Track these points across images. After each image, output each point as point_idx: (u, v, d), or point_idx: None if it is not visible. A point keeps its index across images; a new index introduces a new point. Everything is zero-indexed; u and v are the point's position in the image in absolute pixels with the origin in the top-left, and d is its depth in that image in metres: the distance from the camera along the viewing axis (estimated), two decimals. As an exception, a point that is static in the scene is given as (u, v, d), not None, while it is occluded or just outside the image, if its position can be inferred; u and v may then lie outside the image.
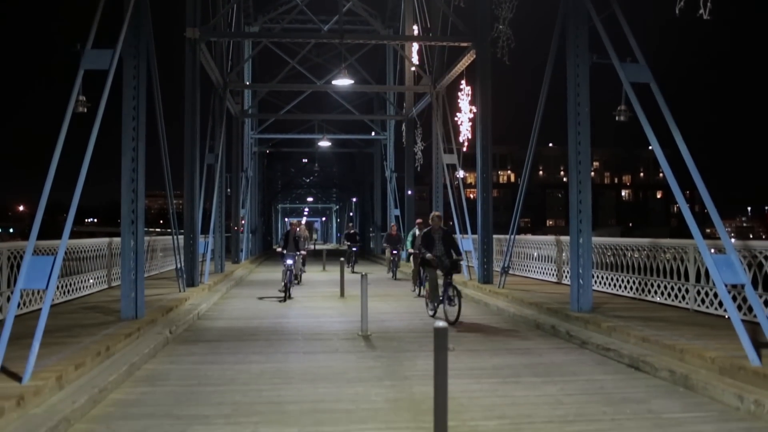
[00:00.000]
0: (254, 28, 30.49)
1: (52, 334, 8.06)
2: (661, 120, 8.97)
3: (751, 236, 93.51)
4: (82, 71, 8.91)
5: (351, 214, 55.18)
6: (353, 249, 25.66)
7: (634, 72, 9.62)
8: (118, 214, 10.66)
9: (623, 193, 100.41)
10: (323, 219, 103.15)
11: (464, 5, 16.83)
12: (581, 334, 9.35)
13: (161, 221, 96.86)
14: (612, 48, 9.86)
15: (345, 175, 54.54)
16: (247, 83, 30.84)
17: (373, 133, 35.95)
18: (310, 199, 74.37)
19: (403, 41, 27.59)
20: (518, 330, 10.61)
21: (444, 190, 21.74)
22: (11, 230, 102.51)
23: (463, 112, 20.16)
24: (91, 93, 9.11)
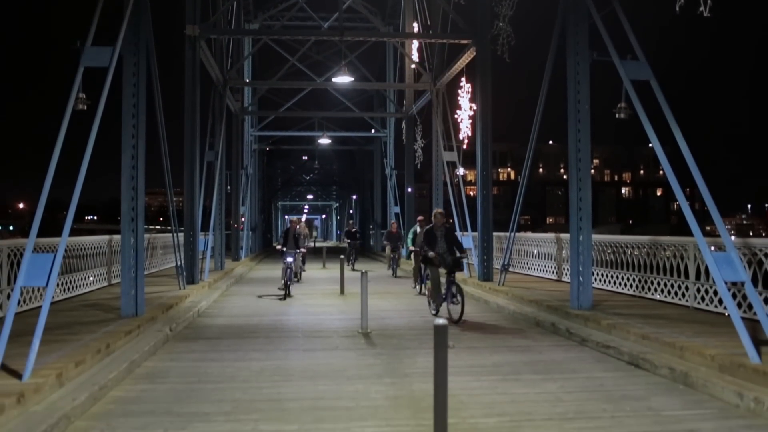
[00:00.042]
0: (254, 26, 30.45)
1: (53, 332, 8.06)
2: (661, 117, 8.97)
3: (751, 234, 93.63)
4: (81, 68, 8.91)
5: (351, 211, 55.18)
6: (353, 247, 25.61)
7: (635, 69, 9.62)
8: (118, 212, 10.66)
9: (623, 191, 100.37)
10: (323, 216, 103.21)
11: (464, 2, 16.81)
12: (581, 331, 9.35)
13: (161, 218, 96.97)
14: (612, 45, 9.86)
15: (345, 173, 54.55)
16: (247, 80, 30.84)
17: (373, 131, 35.96)
18: (310, 196, 74.39)
19: (403, 38, 27.58)
20: (518, 327, 10.62)
21: (444, 187, 21.73)
22: (11, 228, 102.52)
23: (463, 110, 20.17)
24: (91, 90, 9.12)
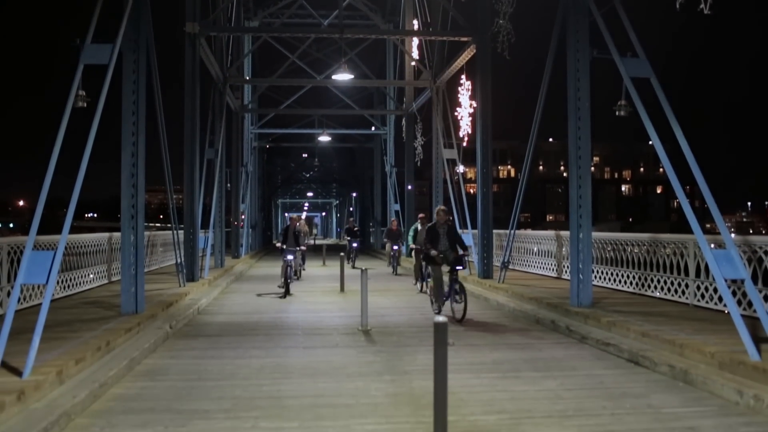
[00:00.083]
0: (254, 23, 30.42)
1: (53, 329, 8.06)
2: (661, 115, 8.96)
3: (751, 231, 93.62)
4: (81, 66, 8.89)
5: (351, 209, 55.16)
6: (353, 244, 25.41)
7: (635, 67, 9.61)
8: (118, 209, 10.65)
9: (623, 188, 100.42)
10: (323, 214, 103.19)
11: (464, 0, 16.81)
12: (581, 329, 9.35)
13: (161, 216, 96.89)
14: (612, 43, 9.84)
15: (345, 170, 54.50)
16: (247, 78, 30.81)
17: (373, 128, 35.92)
18: (310, 194, 74.30)
19: (403, 36, 27.56)
20: (518, 325, 10.62)
21: (444, 185, 21.72)
22: (11, 225, 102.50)
23: (463, 107, 20.14)
24: (90, 88, 9.11)
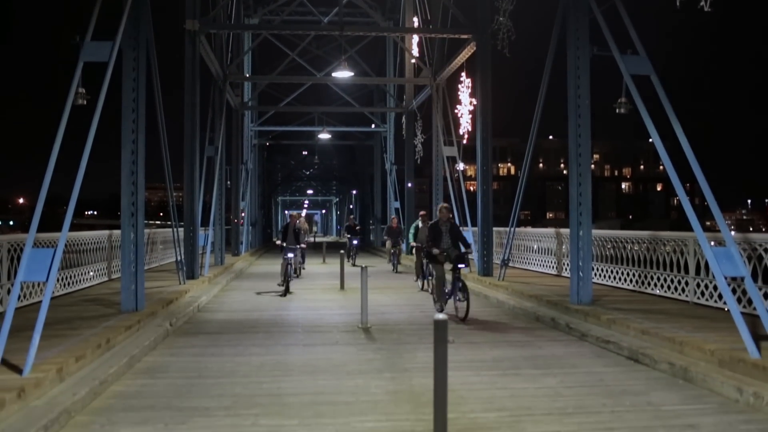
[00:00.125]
0: (254, 20, 30.38)
1: (53, 327, 8.07)
2: (661, 112, 8.96)
3: (751, 229, 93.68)
4: (81, 63, 8.87)
5: (351, 206, 55.15)
6: (354, 242, 25.17)
7: (635, 64, 9.60)
8: (118, 207, 10.66)
9: (623, 186, 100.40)
10: (323, 211, 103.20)
11: (464, -3, 16.80)
12: (581, 326, 9.36)
13: (161, 214, 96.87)
14: (612, 40, 9.83)
15: (345, 168, 54.50)
16: (247, 75, 30.76)
17: (373, 126, 35.90)
18: (310, 191, 74.27)
19: (403, 33, 27.52)
20: (518, 322, 10.63)
21: (444, 182, 21.73)
22: (11, 223, 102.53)
23: (464, 105, 20.13)
24: (90, 85, 9.10)
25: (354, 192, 53.16)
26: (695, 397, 6.15)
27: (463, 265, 10.98)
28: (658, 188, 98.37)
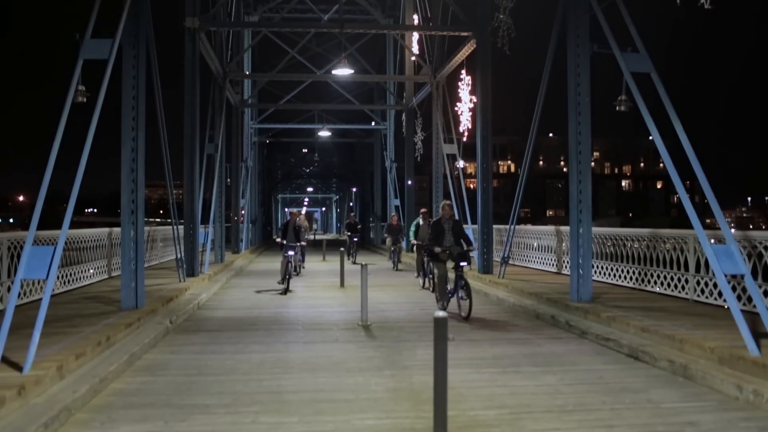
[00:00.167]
0: (254, 18, 30.38)
1: (53, 324, 8.08)
2: (661, 110, 8.95)
3: (751, 226, 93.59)
4: (81, 61, 8.87)
5: (351, 204, 55.14)
6: (354, 239, 25.01)
7: (635, 62, 9.59)
8: (118, 204, 10.66)
9: (623, 183, 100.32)
10: (323, 209, 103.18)
11: (464, -6, 16.78)
12: (581, 324, 9.37)
13: (161, 211, 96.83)
14: (613, 37, 9.82)
15: (345, 165, 54.49)
16: (247, 73, 30.76)
17: (373, 123, 35.90)
18: (310, 189, 74.35)
19: (403, 31, 27.49)
20: (518, 320, 10.63)
21: (444, 180, 21.73)
22: (11, 220, 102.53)
23: (464, 102, 20.12)
24: (90, 83, 9.10)
25: (354, 189, 53.16)
26: (695, 395, 6.16)
27: (465, 263, 10.87)
28: (658, 186, 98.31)
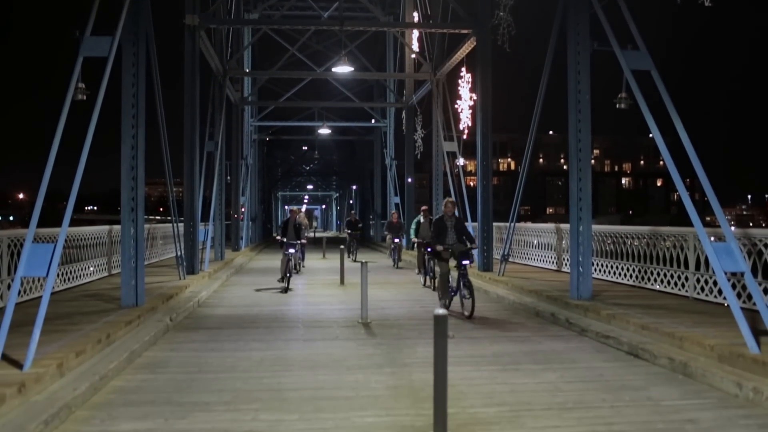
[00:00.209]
0: (254, 15, 30.34)
1: (53, 322, 8.08)
2: (661, 107, 8.95)
3: (751, 224, 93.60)
4: (81, 58, 8.87)
5: (351, 201, 55.14)
6: (354, 237, 24.94)
7: (635, 59, 9.58)
8: (118, 202, 10.65)
9: (623, 181, 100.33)
10: (323, 207, 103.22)
11: (465, -8, 16.77)
12: (581, 321, 9.37)
13: (161, 209, 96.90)
14: (613, 35, 9.81)
15: (345, 163, 54.50)
16: (247, 70, 30.76)
17: (373, 121, 35.90)
18: (310, 186, 74.37)
19: (403, 28, 27.48)
20: (518, 317, 10.63)
21: (444, 177, 21.73)
22: (11, 218, 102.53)
23: (464, 100, 20.13)
24: (90, 80, 9.09)
25: (354, 187, 53.14)
26: (695, 392, 6.16)
27: (467, 262, 10.79)
28: (659, 183, 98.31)
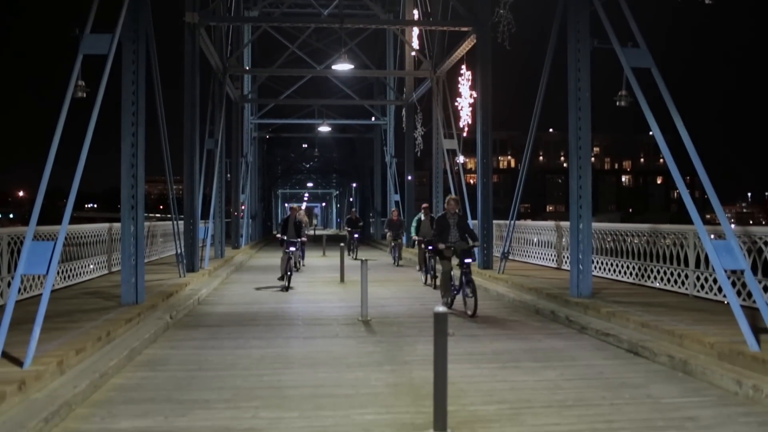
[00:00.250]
0: (254, 13, 30.27)
1: (53, 320, 8.07)
2: (661, 105, 8.94)
3: (751, 222, 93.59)
4: (81, 56, 8.86)
5: (351, 199, 55.12)
6: (354, 235, 24.79)
7: (635, 57, 9.57)
8: (118, 200, 10.65)
9: (623, 179, 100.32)
10: (323, 204, 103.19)
11: (465, -11, 16.75)
12: (581, 319, 9.37)
13: (161, 206, 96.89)
14: (613, 33, 9.80)
15: (345, 161, 54.43)
16: (247, 68, 30.72)
17: (373, 119, 35.87)
18: (310, 184, 74.30)
19: (403, 26, 27.46)
20: (518, 315, 10.64)
21: (444, 175, 21.71)
22: (11, 216, 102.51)
23: (464, 97, 20.11)
24: (90, 78, 9.08)
25: (354, 185, 53.12)
26: (694, 390, 6.17)
27: (470, 260, 10.71)
28: (659, 181, 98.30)
